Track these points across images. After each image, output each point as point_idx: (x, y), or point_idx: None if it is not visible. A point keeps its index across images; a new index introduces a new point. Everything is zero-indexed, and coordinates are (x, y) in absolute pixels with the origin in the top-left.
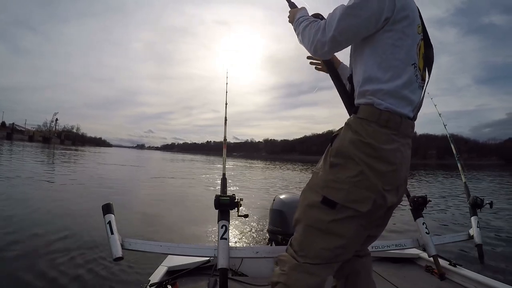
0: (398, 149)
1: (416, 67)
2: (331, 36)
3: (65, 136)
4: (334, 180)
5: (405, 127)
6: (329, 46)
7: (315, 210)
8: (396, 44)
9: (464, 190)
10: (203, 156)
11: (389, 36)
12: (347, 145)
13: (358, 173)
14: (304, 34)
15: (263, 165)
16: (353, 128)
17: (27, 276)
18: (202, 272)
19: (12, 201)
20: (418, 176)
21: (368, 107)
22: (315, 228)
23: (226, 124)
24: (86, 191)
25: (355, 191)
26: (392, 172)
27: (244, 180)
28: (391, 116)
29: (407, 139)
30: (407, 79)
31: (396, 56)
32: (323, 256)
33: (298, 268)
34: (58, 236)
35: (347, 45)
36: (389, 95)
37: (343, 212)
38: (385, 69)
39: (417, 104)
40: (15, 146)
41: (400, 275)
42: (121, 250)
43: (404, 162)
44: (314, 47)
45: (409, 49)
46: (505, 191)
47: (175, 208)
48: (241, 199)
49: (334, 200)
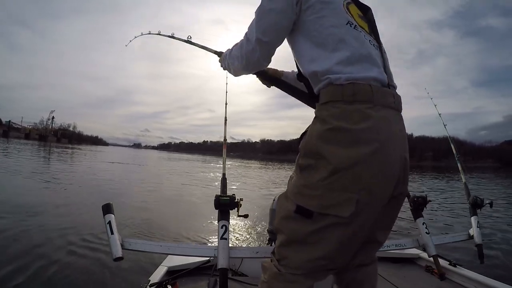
0: (377, 125)
1: (352, 24)
2: (256, 40)
3: (61, 134)
4: (305, 185)
5: (381, 96)
6: (259, 51)
7: (291, 221)
8: (320, 15)
9: (464, 190)
10: (200, 156)
11: (310, 13)
12: (315, 141)
13: (331, 173)
14: (232, 57)
15: (260, 165)
16: (320, 117)
17: (27, 276)
18: (202, 272)
19: (25, 203)
20: (417, 176)
21: (328, 88)
22: (294, 240)
23: (226, 124)
24: (86, 191)
25: (330, 195)
26: (377, 154)
27: (244, 180)
28: (357, 87)
29: (390, 110)
30: (351, 38)
31: (325, 25)
32: (306, 267)
33: (280, 277)
34: (57, 236)
35: (276, 44)
36: (344, 64)
37: (322, 221)
38: (322, 42)
39: (383, 66)
40: (15, 143)
41: (400, 275)
42: (121, 250)
43: (393, 138)
44: (246, 60)
45: (335, 12)
46: (504, 191)
47: (175, 208)
48: (241, 199)
49: (308, 208)
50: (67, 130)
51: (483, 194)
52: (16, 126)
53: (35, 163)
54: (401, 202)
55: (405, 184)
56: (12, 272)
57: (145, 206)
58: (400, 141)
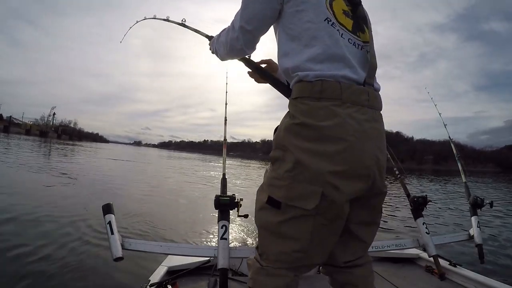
0: (345, 122)
1: (330, 21)
2: (239, 27)
3: (62, 131)
4: (275, 177)
5: (351, 94)
6: (242, 39)
7: (264, 211)
8: (299, 9)
9: (464, 190)
10: (200, 155)
11: (291, 5)
12: (283, 134)
13: (294, 165)
14: (219, 43)
15: (260, 165)
16: (290, 112)
17: (26, 275)
18: (202, 272)
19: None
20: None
21: (298, 84)
22: (268, 231)
23: (226, 124)
24: (87, 190)
25: (295, 186)
26: (344, 151)
27: (244, 180)
28: (326, 84)
29: (362, 108)
30: (325, 36)
31: (303, 20)
32: (284, 260)
33: (262, 271)
34: (57, 235)
35: (259, 33)
36: (314, 61)
37: (289, 212)
38: (297, 37)
39: (360, 65)
40: (15, 139)
41: (400, 275)
42: (121, 250)
43: (364, 137)
44: (230, 47)
45: (315, 7)
46: (504, 191)
47: (175, 208)
48: (241, 199)
49: (277, 199)
50: (68, 127)
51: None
52: (17, 121)
53: (45, 159)
54: (381, 201)
55: (381, 183)
56: (10, 272)
57: (155, 201)
58: (373, 139)
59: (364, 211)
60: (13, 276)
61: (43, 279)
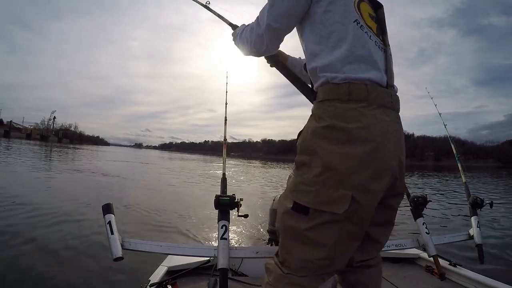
0: (373, 124)
1: (359, 23)
2: (266, 25)
3: (63, 135)
4: (302, 182)
5: (377, 96)
6: (268, 37)
7: (290, 218)
8: (328, 9)
9: (464, 190)
10: (201, 156)
11: (320, 5)
12: (310, 138)
13: (323, 169)
14: (242, 38)
15: (261, 165)
16: (316, 115)
17: (26, 276)
18: (202, 272)
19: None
20: (417, 176)
21: (325, 86)
22: (293, 238)
23: (226, 124)
24: (87, 190)
25: (325, 191)
26: (372, 152)
27: (244, 180)
28: (353, 86)
29: (386, 110)
30: (353, 37)
31: (331, 20)
32: (307, 268)
33: (283, 279)
34: (57, 235)
35: (285, 32)
36: (342, 63)
37: (318, 218)
38: (325, 38)
39: (384, 67)
40: (17, 143)
41: (400, 275)
42: (121, 250)
43: (388, 138)
44: (254, 44)
45: (343, 8)
46: (504, 189)
47: (175, 208)
48: (241, 199)
49: (304, 205)
50: (69, 130)
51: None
52: (17, 126)
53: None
54: (399, 201)
55: (401, 183)
56: (9, 271)
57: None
58: (396, 141)
59: (382, 212)
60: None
61: (43, 279)
